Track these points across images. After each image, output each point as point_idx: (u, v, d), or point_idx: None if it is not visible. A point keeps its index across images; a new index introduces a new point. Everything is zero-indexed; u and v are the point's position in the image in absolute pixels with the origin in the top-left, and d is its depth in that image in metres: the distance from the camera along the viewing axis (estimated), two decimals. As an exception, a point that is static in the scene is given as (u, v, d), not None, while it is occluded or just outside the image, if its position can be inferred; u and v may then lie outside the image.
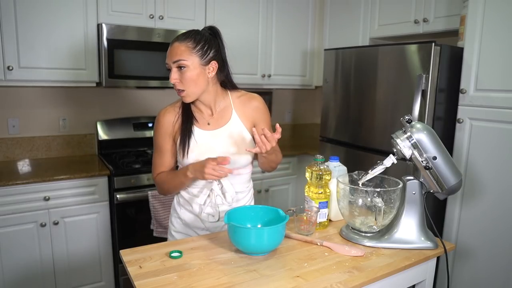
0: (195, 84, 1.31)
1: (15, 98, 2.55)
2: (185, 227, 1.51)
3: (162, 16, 2.60)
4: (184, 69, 1.29)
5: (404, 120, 1.25)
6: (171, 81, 1.31)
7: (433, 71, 2.00)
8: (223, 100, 1.43)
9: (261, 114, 1.46)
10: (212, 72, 1.35)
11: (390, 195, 1.26)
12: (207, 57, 1.32)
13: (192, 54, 1.29)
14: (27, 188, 2.13)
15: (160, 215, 2.37)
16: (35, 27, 2.24)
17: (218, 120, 1.42)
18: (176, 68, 1.30)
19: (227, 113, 1.43)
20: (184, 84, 1.31)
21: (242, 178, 1.47)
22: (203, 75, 1.32)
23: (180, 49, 1.29)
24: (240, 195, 1.49)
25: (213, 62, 1.34)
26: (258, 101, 1.46)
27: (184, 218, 1.50)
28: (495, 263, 1.91)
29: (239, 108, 1.44)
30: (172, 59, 1.30)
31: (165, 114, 1.44)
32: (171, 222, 1.56)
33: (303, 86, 3.39)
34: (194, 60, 1.30)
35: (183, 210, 1.50)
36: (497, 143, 1.87)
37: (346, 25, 2.99)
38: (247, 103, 1.45)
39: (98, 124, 2.76)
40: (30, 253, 2.18)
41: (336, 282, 1.06)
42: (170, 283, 1.03)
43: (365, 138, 2.42)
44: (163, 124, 1.43)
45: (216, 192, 1.40)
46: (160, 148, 1.45)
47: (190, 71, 1.29)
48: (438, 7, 2.36)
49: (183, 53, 1.29)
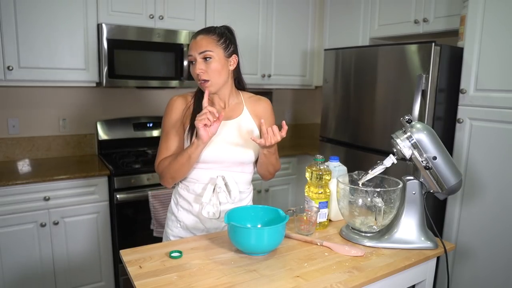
0: (219, 74, 1.37)
1: (15, 98, 2.55)
2: (183, 230, 1.47)
3: (162, 16, 2.60)
4: (210, 60, 1.34)
5: (404, 120, 1.25)
6: (197, 71, 1.35)
7: (433, 71, 2.00)
8: (236, 97, 1.49)
9: (268, 115, 1.50)
10: (233, 65, 1.41)
11: (390, 195, 1.26)
12: (229, 51, 1.39)
13: (218, 46, 1.36)
14: (27, 188, 2.13)
15: (160, 215, 2.37)
16: (35, 27, 2.24)
17: (229, 113, 1.46)
18: (202, 59, 1.35)
19: (238, 108, 1.48)
20: (209, 74, 1.35)
21: (245, 177, 1.48)
22: (226, 67, 1.38)
23: (206, 41, 1.35)
24: (243, 195, 1.49)
25: (234, 56, 1.41)
26: (267, 103, 1.53)
27: (183, 221, 1.47)
28: (495, 263, 1.91)
29: (250, 105, 1.50)
30: (198, 50, 1.34)
31: (177, 100, 1.46)
32: (167, 226, 1.52)
33: (303, 86, 3.39)
34: (219, 52, 1.36)
35: (181, 211, 1.47)
36: (497, 143, 1.87)
37: (346, 25, 2.99)
38: (257, 102, 1.51)
39: (98, 124, 2.76)
40: (30, 253, 2.18)
41: (336, 282, 1.06)
42: (170, 283, 1.03)
43: (365, 138, 2.42)
44: (174, 108, 1.44)
45: (220, 187, 1.40)
46: (167, 132, 1.44)
47: (215, 62, 1.35)
48: (438, 7, 2.36)
49: (209, 45, 1.34)
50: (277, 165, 1.50)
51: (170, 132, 1.44)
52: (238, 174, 1.45)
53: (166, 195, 2.40)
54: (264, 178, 1.56)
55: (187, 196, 1.46)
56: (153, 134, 2.94)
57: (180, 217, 1.47)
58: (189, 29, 2.68)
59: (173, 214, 1.50)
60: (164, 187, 2.43)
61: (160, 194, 2.37)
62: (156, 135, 2.94)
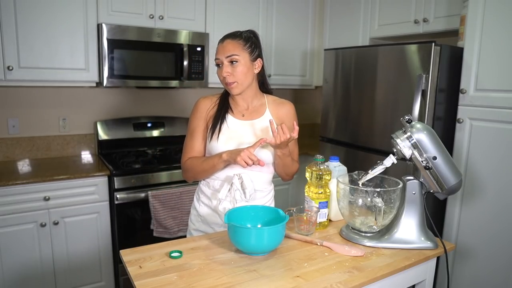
0: (245, 77, 1.42)
1: (15, 98, 2.55)
2: (203, 224, 1.55)
3: (162, 16, 2.60)
4: (236, 63, 1.41)
5: (404, 120, 1.25)
6: (224, 74, 1.41)
7: (433, 71, 2.00)
8: (260, 99, 1.54)
9: (290, 119, 1.52)
10: (258, 68, 1.47)
11: (390, 195, 1.26)
12: (255, 55, 1.45)
13: (244, 50, 1.42)
14: (27, 188, 2.13)
15: (160, 215, 2.37)
16: (35, 27, 2.24)
17: (252, 114, 1.51)
18: (228, 63, 1.41)
19: (261, 109, 1.53)
20: (235, 77, 1.41)
21: (263, 177, 1.52)
22: (251, 71, 1.44)
23: (233, 45, 1.41)
24: (259, 194, 1.52)
25: (259, 60, 1.47)
26: (290, 106, 1.56)
27: (203, 214, 1.54)
28: (495, 262, 1.91)
29: (273, 108, 1.54)
30: (225, 54, 1.41)
31: (203, 100, 1.54)
32: (190, 220, 1.61)
33: (303, 86, 3.39)
34: (245, 56, 1.42)
35: (202, 206, 1.55)
36: (497, 143, 1.87)
37: (346, 25, 2.99)
38: (280, 105, 1.55)
39: (98, 124, 2.76)
40: (30, 253, 2.18)
41: (336, 282, 1.06)
42: (170, 283, 1.03)
43: (365, 138, 2.42)
44: (200, 108, 1.53)
45: (236, 186, 1.44)
46: (192, 131, 1.53)
47: (242, 66, 1.41)
48: (438, 7, 2.36)
49: (236, 49, 1.41)
50: (293, 167, 1.54)
51: (194, 131, 1.52)
52: (256, 173, 1.49)
53: (166, 195, 2.40)
54: (282, 179, 1.62)
55: (207, 191, 1.53)
56: (153, 134, 2.94)
57: (201, 212, 1.55)
58: (189, 29, 2.68)
59: (195, 209, 1.58)
60: (164, 187, 2.45)
61: (160, 194, 2.37)
62: (156, 135, 2.95)
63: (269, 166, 1.53)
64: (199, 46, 2.70)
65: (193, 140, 1.52)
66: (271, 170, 1.55)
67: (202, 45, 2.71)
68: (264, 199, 1.56)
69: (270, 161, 1.51)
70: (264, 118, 1.51)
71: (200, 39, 2.70)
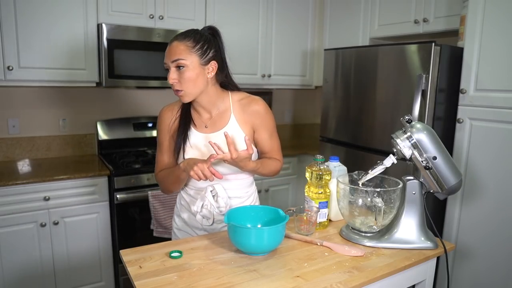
0: (194, 84, 1.29)
1: (15, 98, 2.55)
2: (185, 225, 1.52)
3: (162, 16, 2.60)
4: (183, 68, 1.27)
5: (404, 120, 1.25)
6: (170, 81, 1.28)
7: (433, 71, 2.00)
8: (223, 102, 1.40)
9: (261, 119, 1.40)
10: (212, 72, 1.33)
11: (390, 195, 1.26)
12: (207, 57, 1.30)
13: (192, 53, 1.27)
14: (27, 188, 2.13)
15: (160, 215, 2.37)
16: (35, 27, 2.24)
17: (216, 123, 1.40)
18: (175, 68, 1.28)
19: (225, 116, 1.40)
20: (182, 84, 1.28)
21: (240, 183, 1.45)
22: (202, 75, 1.30)
23: (179, 48, 1.27)
24: (237, 200, 1.45)
25: (213, 62, 1.32)
26: (258, 105, 1.41)
27: (184, 218, 1.51)
28: (495, 262, 1.91)
29: (238, 112, 1.40)
30: (171, 59, 1.27)
31: (165, 113, 1.45)
32: (173, 220, 1.58)
33: (303, 86, 3.39)
34: (193, 60, 1.27)
35: (183, 209, 1.51)
36: (497, 143, 1.87)
37: (346, 25, 2.99)
38: (246, 107, 1.40)
39: (98, 124, 2.76)
40: (30, 253, 2.18)
41: (336, 282, 1.06)
42: (170, 283, 1.03)
43: (365, 138, 2.42)
44: (162, 122, 1.45)
45: (209, 200, 1.38)
46: (160, 145, 1.47)
47: (189, 71, 1.27)
48: (438, 7, 2.36)
49: (182, 52, 1.27)
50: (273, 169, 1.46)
51: (161, 145, 1.46)
52: (233, 181, 1.42)
53: (166, 195, 2.40)
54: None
55: (186, 197, 1.49)
56: (153, 134, 2.94)
57: (182, 215, 1.52)
58: (189, 29, 2.68)
59: (177, 209, 1.55)
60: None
61: (160, 194, 2.37)
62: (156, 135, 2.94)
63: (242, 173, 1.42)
64: (199, 46, 2.70)
65: (162, 155, 1.46)
66: (246, 175, 1.46)
67: (202, 45, 2.70)
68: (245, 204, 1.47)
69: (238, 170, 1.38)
70: (229, 127, 1.38)
71: (200, 39, 2.70)
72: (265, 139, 1.44)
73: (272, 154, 1.47)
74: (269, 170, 1.44)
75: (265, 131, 1.43)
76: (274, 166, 1.46)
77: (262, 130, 1.42)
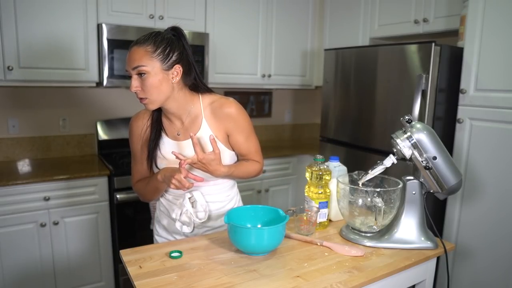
0: (158, 91, 1.21)
1: (15, 98, 2.55)
2: (165, 231, 1.48)
3: (162, 16, 2.60)
4: (145, 75, 1.19)
5: (404, 120, 1.25)
6: (132, 89, 1.20)
7: (433, 71, 2.00)
8: (194, 107, 1.33)
9: (234, 122, 1.33)
10: (176, 77, 1.24)
11: (390, 195, 1.26)
12: (169, 61, 1.21)
13: (152, 58, 1.19)
14: (27, 188, 2.13)
15: (160, 215, 2.37)
16: (35, 27, 2.24)
17: (188, 130, 1.33)
18: (137, 75, 1.20)
19: (197, 122, 1.33)
20: (146, 92, 1.20)
21: (221, 187, 1.41)
22: (166, 81, 1.22)
23: (139, 54, 1.18)
24: (218, 205, 1.42)
25: (177, 66, 1.23)
26: (230, 107, 1.33)
27: (164, 224, 1.47)
28: (495, 262, 1.91)
29: (209, 116, 1.33)
30: (131, 66, 1.19)
31: (135, 122, 1.39)
32: (154, 227, 1.54)
33: (303, 86, 3.39)
34: (155, 65, 1.19)
35: (162, 215, 1.47)
36: (497, 143, 1.87)
37: (346, 25, 2.99)
38: (218, 110, 1.32)
39: (98, 124, 2.76)
40: (30, 253, 2.18)
41: (336, 282, 1.06)
42: (170, 283, 1.03)
43: (365, 138, 2.42)
44: (133, 132, 1.40)
45: (187, 208, 1.34)
46: (134, 155, 1.43)
47: (151, 77, 1.19)
48: (438, 7, 2.36)
49: (142, 58, 1.18)
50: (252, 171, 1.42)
51: (135, 155, 1.42)
52: (212, 187, 1.39)
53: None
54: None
55: (164, 202, 1.46)
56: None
57: (161, 220, 1.48)
58: (189, 29, 2.68)
59: (157, 216, 1.52)
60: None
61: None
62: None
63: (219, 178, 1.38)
64: (199, 46, 2.70)
65: (137, 164, 1.41)
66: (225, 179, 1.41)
67: (202, 45, 2.71)
68: (226, 208, 1.43)
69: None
70: (202, 132, 1.32)
71: (200, 39, 2.70)
72: (241, 142, 1.37)
73: (251, 156, 1.41)
74: (245, 173, 1.40)
75: (240, 134, 1.36)
76: (252, 168, 1.41)
77: (237, 133, 1.35)
